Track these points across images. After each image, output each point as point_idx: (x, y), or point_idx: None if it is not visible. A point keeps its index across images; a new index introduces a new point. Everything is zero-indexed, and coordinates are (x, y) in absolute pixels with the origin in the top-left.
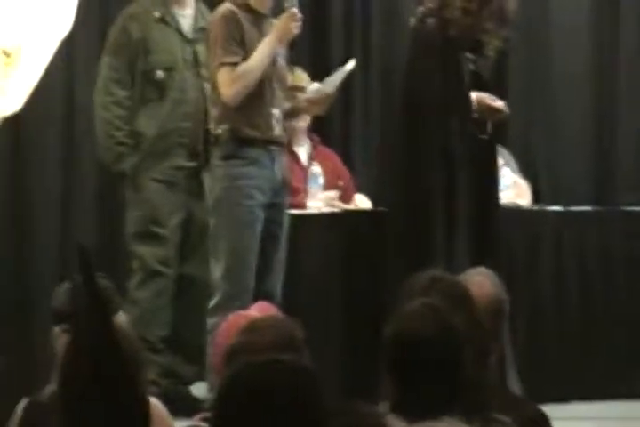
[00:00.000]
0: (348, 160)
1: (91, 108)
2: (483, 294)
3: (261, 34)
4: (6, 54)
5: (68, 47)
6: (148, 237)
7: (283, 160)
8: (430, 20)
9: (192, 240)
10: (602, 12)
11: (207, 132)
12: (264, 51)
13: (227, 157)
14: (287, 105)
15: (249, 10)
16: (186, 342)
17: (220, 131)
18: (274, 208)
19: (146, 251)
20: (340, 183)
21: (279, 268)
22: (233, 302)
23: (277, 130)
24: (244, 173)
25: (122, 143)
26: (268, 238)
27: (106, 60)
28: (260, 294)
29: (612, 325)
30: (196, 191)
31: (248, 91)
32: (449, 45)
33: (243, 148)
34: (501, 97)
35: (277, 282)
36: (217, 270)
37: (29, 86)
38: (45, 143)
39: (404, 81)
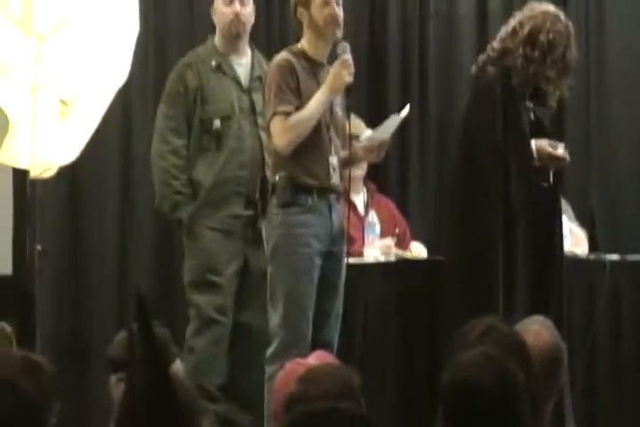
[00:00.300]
0: (404, 208)
1: (147, 156)
2: (539, 343)
3: (318, 82)
4: (64, 103)
5: (125, 96)
6: (205, 285)
7: (340, 208)
8: (491, 69)
9: (249, 288)
10: None
11: (264, 179)
12: (318, 101)
13: (284, 205)
14: (344, 153)
15: (306, 58)
16: (242, 390)
17: (277, 178)
18: (331, 256)
19: (202, 299)
20: (397, 231)
21: (336, 316)
22: (290, 349)
23: (335, 178)
24: (301, 220)
25: (179, 192)
26: (325, 287)
27: (162, 109)
28: (317, 343)
29: None
30: (253, 239)
31: (300, 140)
32: (510, 94)
33: (300, 195)
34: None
35: (334, 331)
36: (274, 318)
37: (86, 136)
38: (102, 192)
39: (462, 129)
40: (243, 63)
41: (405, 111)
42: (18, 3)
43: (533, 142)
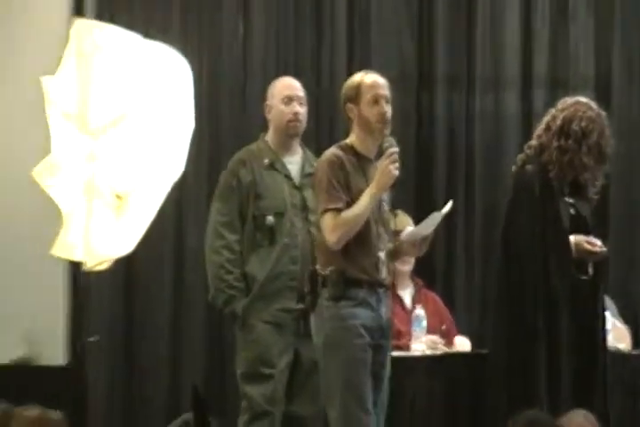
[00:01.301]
0: (450, 302)
1: (199, 248)
2: None
3: (366, 177)
4: (118, 198)
5: (179, 191)
6: (258, 377)
7: (388, 302)
8: (529, 166)
9: (299, 379)
10: None
11: (315, 272)
12: (368, 198)
13: (336, 298)
14: (389, 247)
15: (354, 153)
16: None
17: (328, 272)
18: (379, 349)
19: (254, 391)
20: (443, 327)
21: (382, 408)
22: None
23: (383, 272)
24: (353, 313)
25: (232, 286)
26: (372, 379)
27: (216, 205)
28: None
29: None
30: (304, 332)
31: (350, 236)
32: (549, 190)
33: (351, 289)
34: (603, 237)
35: (381, 423)
36: (332, 412)
37: (141, 229)
38: (156, 282)
39: (505, 227)
40: (294, 161)
41: (448, 207)
42: (74, 100)
43: (572, 238)
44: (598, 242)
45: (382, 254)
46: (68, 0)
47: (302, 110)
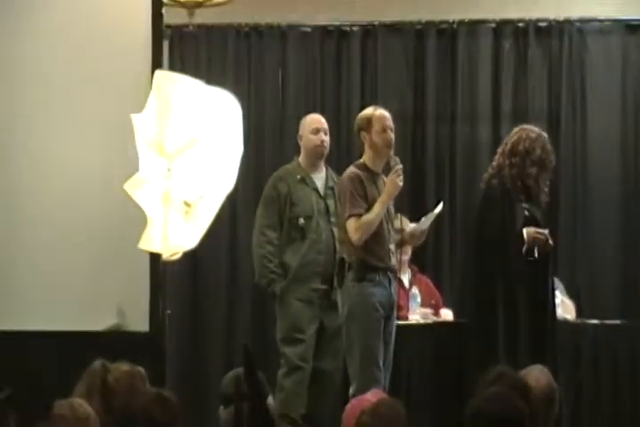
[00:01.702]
0: (438, 281)
1: (248, 243)
2: (539, 385)
3: (377, 188)
4: (187, 205)
5: (232, 199)
6: (292, 340)
7: (395, 284)
8: (493, 181)
9: (324, 343)
10: (628, 161)
11: (342, 260)
12: (381, 204)
13: (359, 280)
14: (396, 238)
15: (367, 170)
16: (319, 418)
17: (352, 260)
18: (388, 320)
19: (290, 351)
20: (433, 302)
21: (388, 364)
22: (366, 391)
23: (393, 260)
24: (372, 292)
25: (273, 272)
26: (383, 344)
27: (260, 210)
28: None
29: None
30: (327, 307)
31: (369, 235)
32: (507, 198)
33: (369, 273)
34: (553, 233)
35: (387, 375)
36: (352, 366)
37: (204, 228)
38: (215, 270)
39: (476, 225)
40: (320, 177)
41: (439, 207)
42: (153, 129)
43: (525, 230)
44: (545, 231)
45: (392, 246)
46: (149, 56)
47: (327, 139)
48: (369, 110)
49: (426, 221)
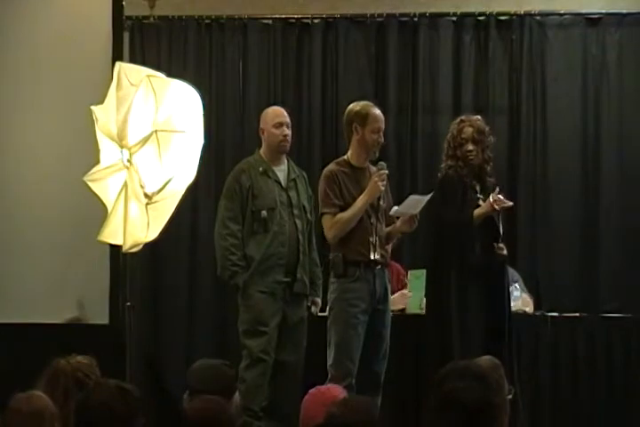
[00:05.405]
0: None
1: (210, 236)
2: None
3: (358, 183)
4: (148, 197)
5: (193, 192)
6: (255, 333)
7: (384, 276)
8: (450, 171)
9: (285, 335)
10: (588, 154)
11: (328, 258)
12: (359, 203)
13: (339, 276)
14: (386, 230)
15: (350, 166)
16: (280, 410)
17: (332, 257)
18: (378, 312)
19: (252, 344)
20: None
21: (383, 355)
22: (340, 382)
23: (376, 253)
24: (350, 287)
25: (236, 264)
26: (373, 334)
27: (222, 203)
28: (372, 374)
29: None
30: (290, 299)
31: (344, 233)
32: (460, 183)
33: (349, 269)
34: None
35: (384, 364)
36: (329, 359)
37: (164, 220)
38: (176, 262)
39: (435, 210)
40: (281, 169)
41: (429, 196)
42: (114, 125)
43: (476, 210)
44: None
45: (374, 239)
46: (110, 48)
47: (289, 132)
48: (367, 106)
49: (413, 206)
